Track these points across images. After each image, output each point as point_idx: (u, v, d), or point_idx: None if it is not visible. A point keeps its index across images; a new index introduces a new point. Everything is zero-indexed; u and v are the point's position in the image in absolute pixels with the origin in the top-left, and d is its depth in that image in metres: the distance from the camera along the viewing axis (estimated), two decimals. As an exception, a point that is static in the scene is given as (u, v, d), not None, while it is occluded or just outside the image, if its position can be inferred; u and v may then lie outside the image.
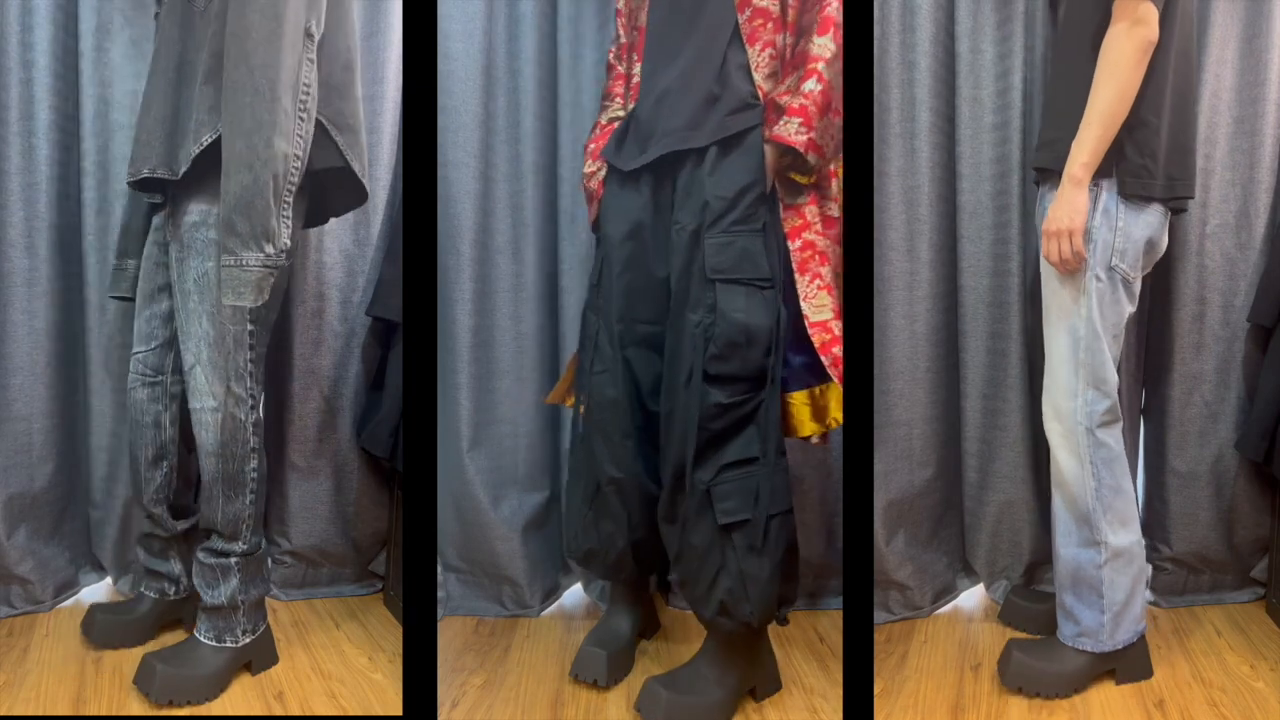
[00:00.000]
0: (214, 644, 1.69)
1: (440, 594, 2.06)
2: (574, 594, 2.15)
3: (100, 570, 2.11)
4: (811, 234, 1.48)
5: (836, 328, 1.49)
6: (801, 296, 1.48)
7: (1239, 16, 1.91)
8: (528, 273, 2.04)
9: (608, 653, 1.72)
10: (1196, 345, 1.99)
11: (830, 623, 2.03)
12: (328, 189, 1.67)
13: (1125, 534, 1.66)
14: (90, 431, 2.05)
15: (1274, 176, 1.95)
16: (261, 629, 1.75)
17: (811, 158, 1.42)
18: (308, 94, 1.37)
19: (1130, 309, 1.64)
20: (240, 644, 1.71)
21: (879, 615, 2.00)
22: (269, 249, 1.39)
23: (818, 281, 1.48)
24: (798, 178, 1.49)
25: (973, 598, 2.12)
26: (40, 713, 1.64)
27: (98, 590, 2.09)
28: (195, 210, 1.50)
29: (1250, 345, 1.99)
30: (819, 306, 1.48)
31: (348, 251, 2.07)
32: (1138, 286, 1.64)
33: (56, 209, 1.94)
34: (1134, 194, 1.58)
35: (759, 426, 1.50)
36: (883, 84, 1.93)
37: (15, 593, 1.97)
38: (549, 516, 2.12)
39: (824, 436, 1.61)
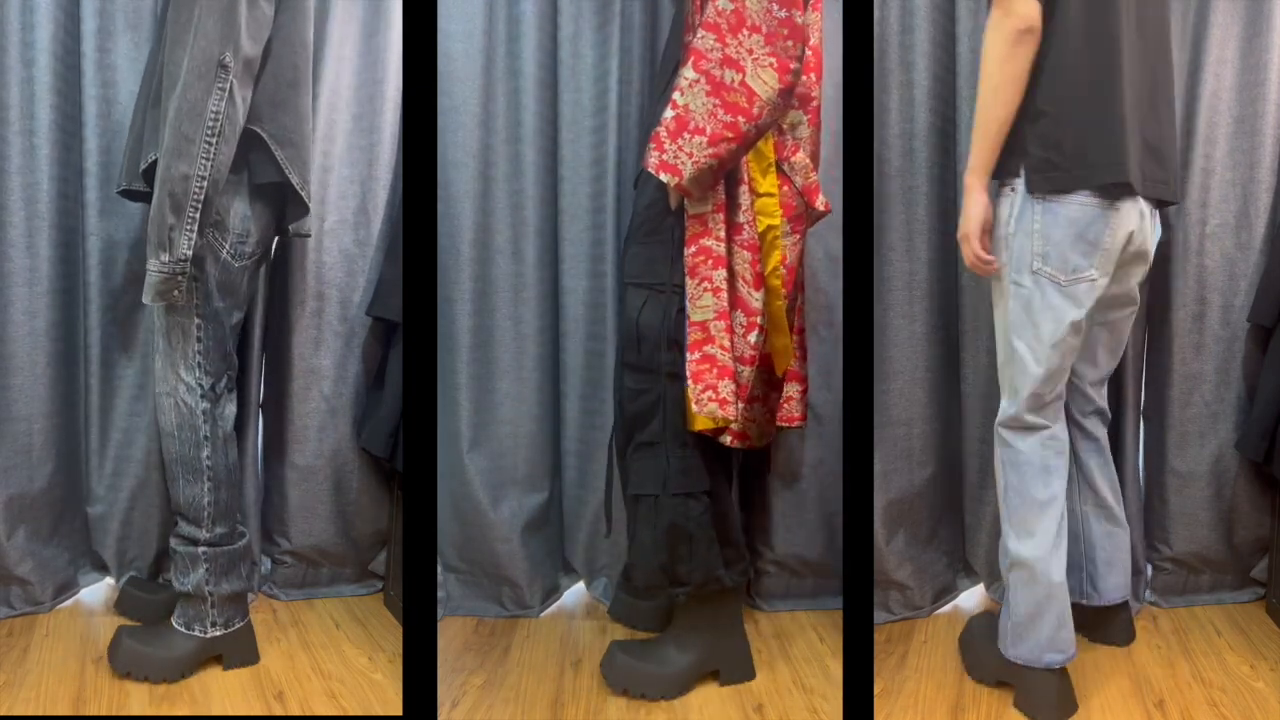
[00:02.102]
0: (184, 630, 1.74)
1: (440, 594, 2.06)
2: (574, 594, 2.15)
3: (100, 570, 2.11)
4: (709, 240, 1.60)
5: (716, 327, 1.60)
6: (688, 298, 1.62)
7: (1239, 16, 1.91)
8: (528, 273, 2.04)
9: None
10: (1196, 345, 1.99)
11: (830, 623, 2.03)
12: (288, 200, 1.74)
13: (1029, 545, 1.58)
14: (90, 432, 2.05)
15: (1274, 176, 1.95)
16: (237, 625, 1.77)
17: (664, 176, 1.53)
18: (216, 119, 1.50)
19: (1076, 313, 1.52)
20: (209, 635, 1.74)
21: (879, 615, 2.00)
22: (164, 257, 1.52)
23: (705, 284, 1.60)
24: (681, 192, 1.59)
25: (973, 598, 2.12)
26: (40, 713, 1.64)
27: (97, 590, 2.09)
28: None
29: (1250, 345, 1.99)
30: (701, 307, 1.61)
31: (348, 251, 2.07)
32: (1085, 288, 1.51)
33: (57, 209, 1.94)
34: (1043, 190, 1.49)
35: (660, 413, 1.66)
36: (882, 85, 1.93)
37: (15, 593, 1.97)
38: (549, 517, 2.12)
39: (740, 436, 1.72)
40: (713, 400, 1.60)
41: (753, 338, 1.64)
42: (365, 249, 2.08)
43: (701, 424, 1.63)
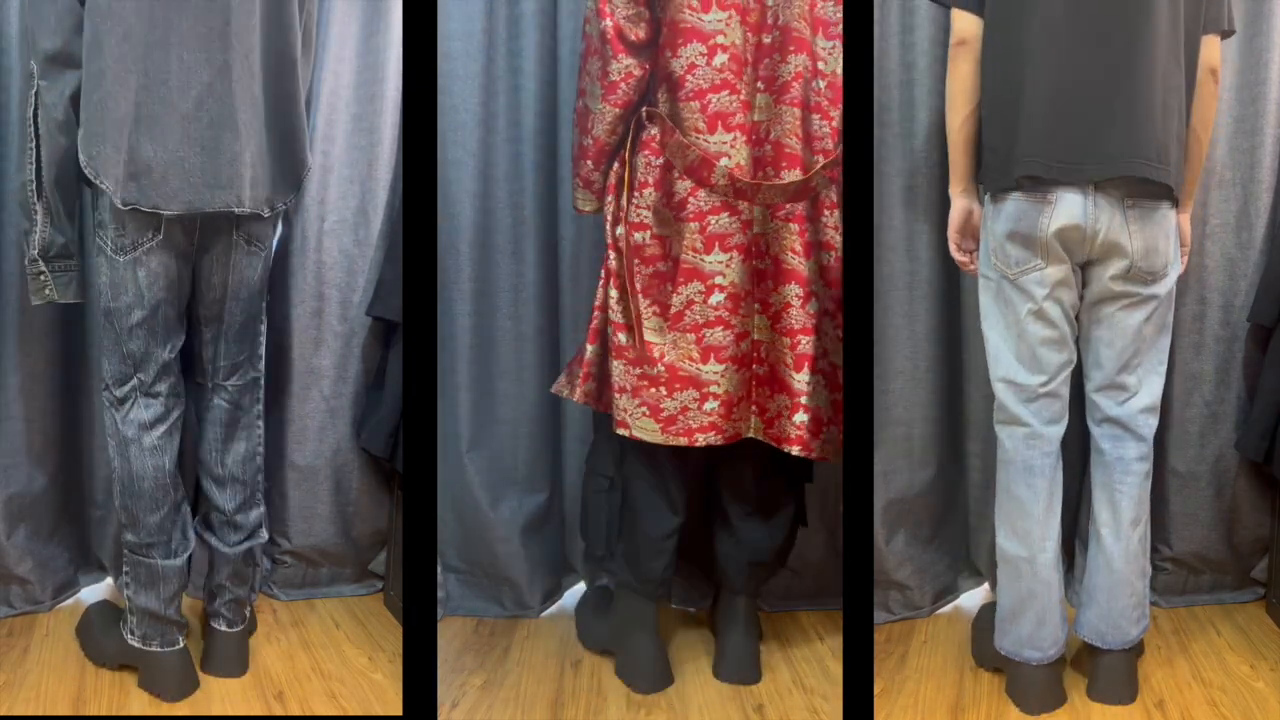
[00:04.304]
0: (120, 624, 1.73)
1: (440, 594, 2.06)
2: (574, 594, 2.15)
3: (100, 570, 2.11)
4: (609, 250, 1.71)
5: (590, 351, 1.74)
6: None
7: (1238, 16, 1.90)
8: (528, 273, 2.04)
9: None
10: (1196, 345, 1.99)
11: (830, 623, 2.03)
12: None
13: (1012, 543, 1.65)
14: (91, 432, 2.05)
15: (1274, 176, 1.95)
16: (154, 648, 1.68)
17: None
18: (32, 123, 1.50)
19: (1030, 304, 1.57)
20: (128, 641, 1.70)
21: (879, 615, 2.00)
22: (26, 260, 1.58)
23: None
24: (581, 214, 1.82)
25: (974, 598, 2.12)
26: (40, 713, 1.64)
27: (98, 590, 2.09)
28: None
29: (1250, 345, 1.99)
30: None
31: (348, 251, 2.06)
32: (1034, 278, 1.56)
33: (57, 209, 1.93)
34: (987, 189, 1.61)
35: None
36: (882, 84, 1.93)
37: (15, 593, 1.97)
38: (549, 517, 2.12)
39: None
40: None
41: (620, 337, 1.68)
42: (365, 249, 2.08)
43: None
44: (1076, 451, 1.86)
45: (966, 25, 1.58)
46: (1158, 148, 1.52)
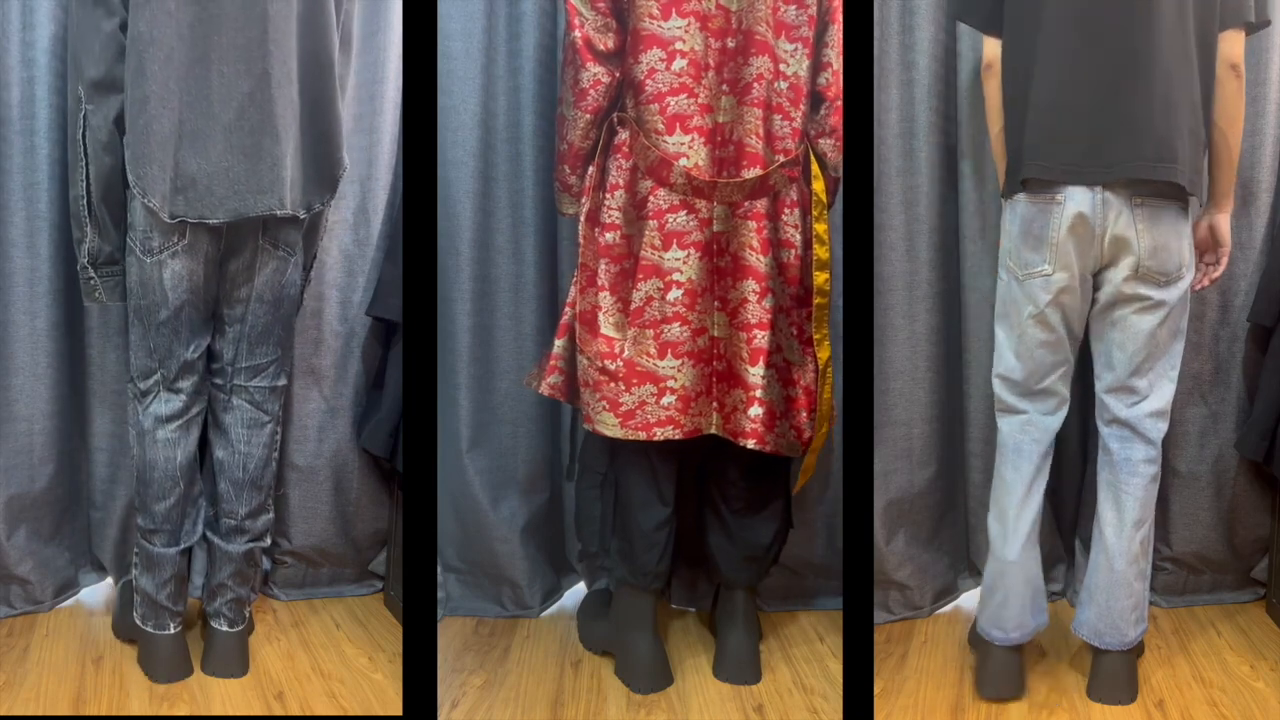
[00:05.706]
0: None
1: (440, 594, 2.06)
2: (574, 594, 2.15)
3: (100, 570, 2.11)
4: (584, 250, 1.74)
5: (557, 345, 1.77)
6: None
7: (1239, 16, 1.91)
8: (528, 273, 2.04)
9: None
10: (1196, 345, 1.99)
11: (830, 623, 2.03)
12: None
13: (995, 523, 1.70)
14: (92, 433, 2.05)
15: (1274, 176, 1.95)
16: (149, 628, 1.74)
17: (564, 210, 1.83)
18: (80, 144, 1.56)
19: (1032, 308, 1.60)
20: (135, 619, 1.75)
21: (879, 615, 2.00)
22: (78, 266, 1.64)
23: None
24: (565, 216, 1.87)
25: (974, 598, 2.12)
26: (40, 713, 1.64)
27: (98, 590, 2.09)
28: None
29: (1250, 345, 1.99)
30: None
31: (348, 251, 2.07)
32: (1039, 283, 1.59)
33: (58, 209, 1.93)
34: (1004, 194, 1.67)
35: None
36: (882, 84, 1.93)
37: (15, 593, 1.97)
38: (549, 517, 2.12)
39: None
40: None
41: (583, 333, 1.72)
42: (365, 249, 2.08)
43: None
44: (1078, 452, 1.87)
45: (991, 49, 1.66)
46: (1158, 147, 1.52)
